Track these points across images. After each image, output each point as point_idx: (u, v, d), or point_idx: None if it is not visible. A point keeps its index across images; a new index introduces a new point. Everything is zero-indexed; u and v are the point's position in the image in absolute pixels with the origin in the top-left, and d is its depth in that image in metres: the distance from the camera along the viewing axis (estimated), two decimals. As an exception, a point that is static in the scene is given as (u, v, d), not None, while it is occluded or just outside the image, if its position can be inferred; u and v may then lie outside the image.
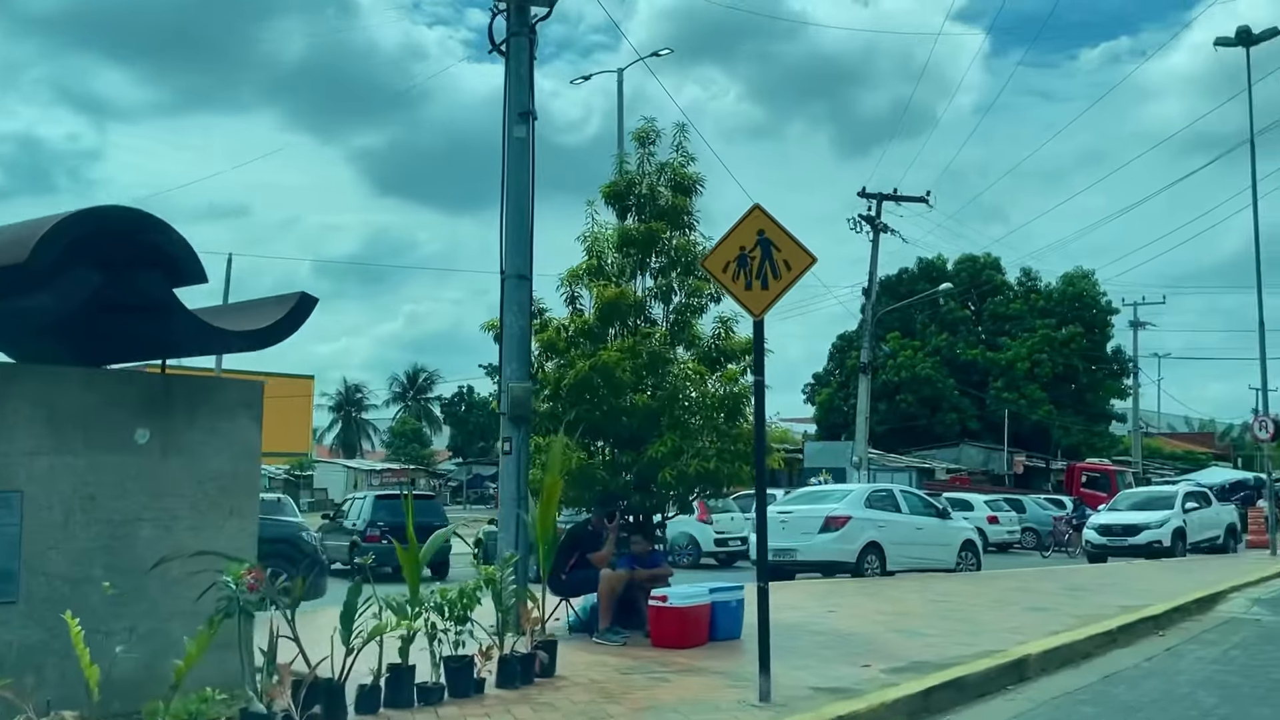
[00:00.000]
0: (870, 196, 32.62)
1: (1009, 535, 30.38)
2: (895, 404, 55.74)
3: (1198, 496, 24.38)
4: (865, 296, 32.62)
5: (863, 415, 32.96)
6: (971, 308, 61.75)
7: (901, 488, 18.97)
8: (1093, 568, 19.65)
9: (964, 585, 15.32)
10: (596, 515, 9.37)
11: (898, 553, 16.99)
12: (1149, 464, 57.36)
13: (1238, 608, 14.00)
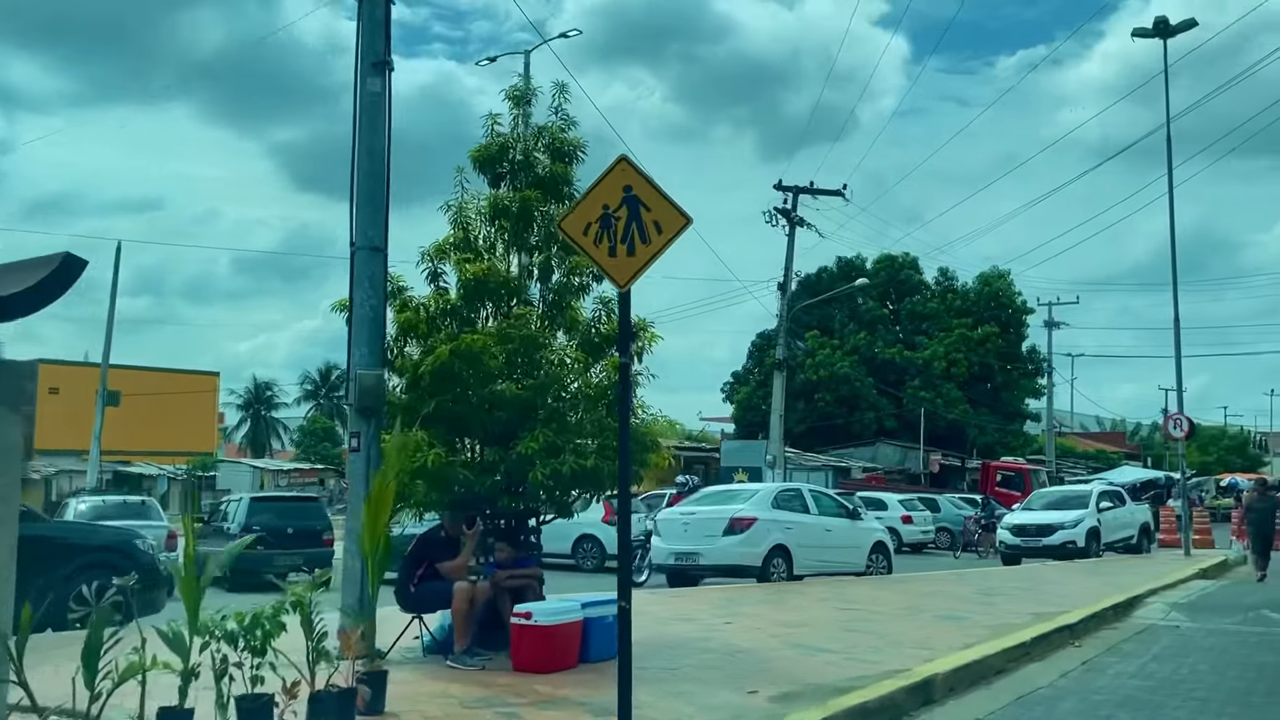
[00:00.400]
0: (786, 189, 31.92)
1: (923, 535, 29.88)
2: (814, 403, 55.37)
3: (1112, 496, 23.99)
4: (780, 292, 31.91)
5: (777, 413, 32.25)
6: (890, 307, 61.70)
7: (811, 487, 18.13)
8: (1007, 570, 19.05)
9: (874, 590, 14.50)
10: (449, 520, 8.26)
11: (806, 556, 16.13)
12: (1062, 463, 57.82)
13: (1155, 614, 13.39)
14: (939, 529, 30.81)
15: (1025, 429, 59.96)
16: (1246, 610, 13.55)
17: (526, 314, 8.74)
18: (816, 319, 58.78)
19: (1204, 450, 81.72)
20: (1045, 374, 57.67)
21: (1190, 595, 15.20)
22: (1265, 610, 13.49)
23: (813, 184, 32.02)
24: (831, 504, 17.39)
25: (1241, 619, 12.90)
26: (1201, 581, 17.40)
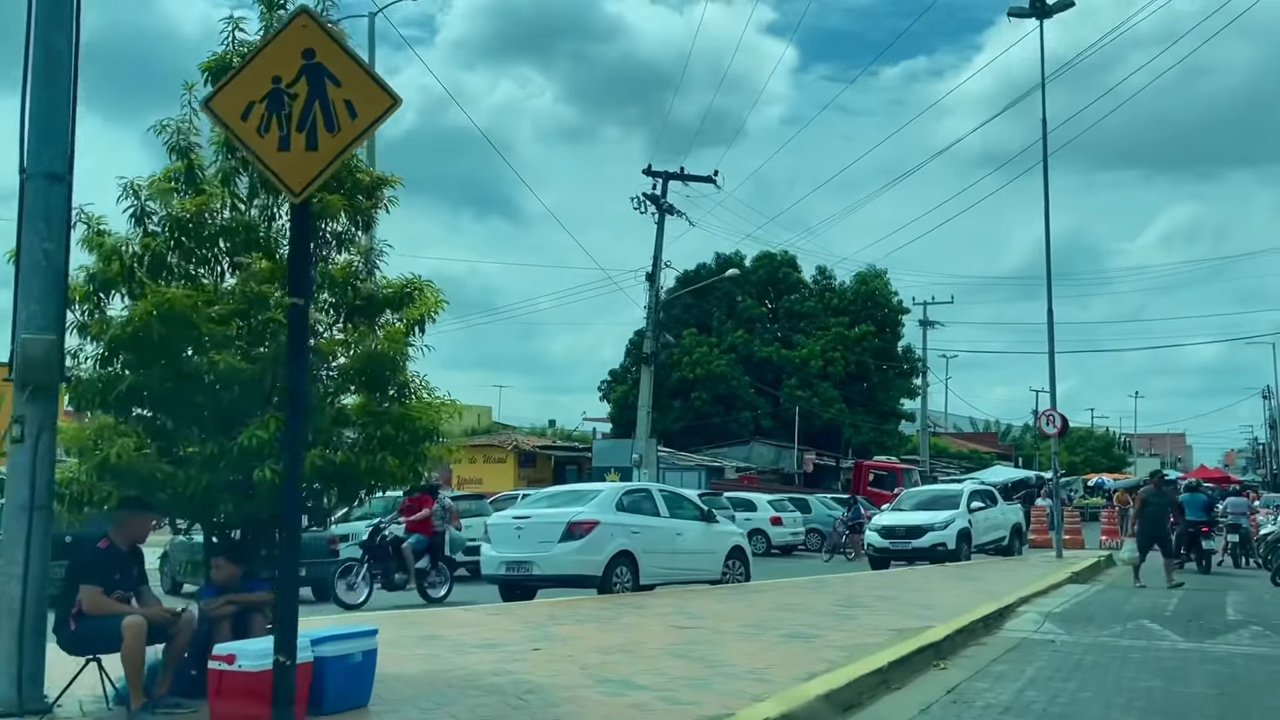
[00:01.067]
0: (656, 175, 30.37)
1: (792, 537, 28.66)
2: (690, 402, 54.14)
3: (983, 495, 22.99)
4: (649, 283, 30.33)
5: (645, 409, 30.71)
6: (768, 305, 61.03)
7: (662, 487, 16.48)
8: (873, 575, 17.75)
9: (723, 603, 12.92)
10: (115, 528, 6.31)
11: (653, 563, 14.49)
12: (936, 463, 57.86)
13: (1028, 625, 12.12)
14: (809, 530, 29.62)
15: (900, 429, 59.92)
16: (1125, 620, 12.40)
17: (249, 263, 6.81)
18: (695, 317, 57.74)
19: (1072, 450, 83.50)
20: (920, 374, 57.65)
21: (1064, 603, 14.05)
22: (1145, 620, 12.36)
23: (683, 170, 30.58)
24: (685, 506, 15.79)
25: (1121, 631, 11.71)
26: (1075, 586, 16.36)
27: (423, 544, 15.16)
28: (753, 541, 28.31)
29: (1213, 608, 13.64)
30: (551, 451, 46.96)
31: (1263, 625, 11.97)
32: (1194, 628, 11.90)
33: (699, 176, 30.47)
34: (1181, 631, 11.63)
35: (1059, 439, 21.66)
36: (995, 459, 63.21)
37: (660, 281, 30.32)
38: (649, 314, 30.30)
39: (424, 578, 15.06)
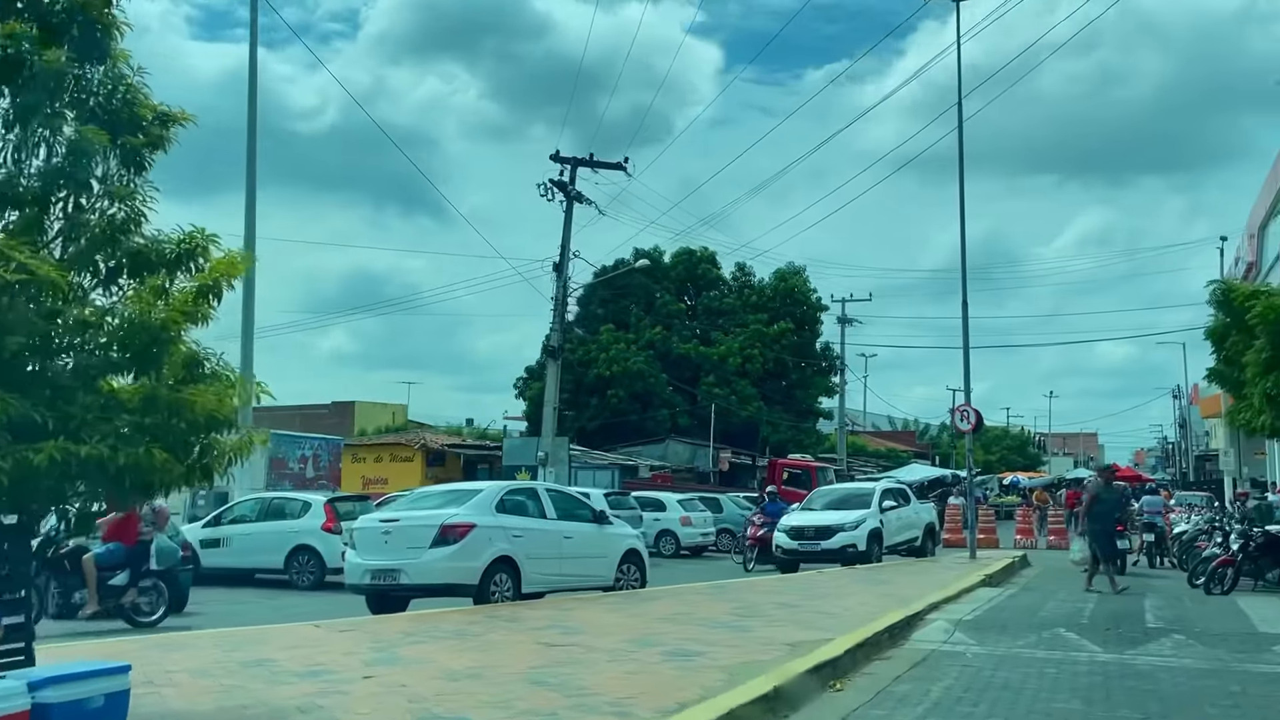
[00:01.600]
0: (564, 161, 29.12)
1: (703, 538, 27.64)
2: (607, 399, 53.00)
3: (896, 494, 22.13)
4: (556, 273, 29.05)
5: (551, 405, 29.48)
6: (687, 302, 60.18)
7: (549, 486, 15.21)
8: (777, 580, 16.72)
9: (609, 614, 11.74)
10: None
11: (538, 569, 13.27)
12: (854, 461, 57.49)
13: (937, 634, 11.14)
14: (721, 530, 28.62)
15: (818, 427, 59.47)
16: (1040, 629, 11.50)
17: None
18: (613, 313, 56.69)
19: (987, 449, 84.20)
20: (838, 371, 57.26)
21: (976, 608, 13.13)
22: (1061, 629, 11.47)
23: (593, 156, 29.35)
24: (574, 507, 14.57)
25: (1035, 640, 10.79)
26: (988, 590, 15.50)
27: (117, 555, 12.62)
28: (661, 543, 27.44)
29: (1131, 613, 12.85)
30: (461, 450, 45.45)
31: (1185, 633, 11.15)
32: (1113, 637, 11.03)
33: (608, 163, 29.31)
34: (1100, 641, 10.76)
35: (973, 435, 20.93)
36: (912, 457, 63.13)
37: (568, 273, 29.03)
38: (555, 306, 29.01)
39: (120, 595, 12.59)
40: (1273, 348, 14.18)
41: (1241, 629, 11.44)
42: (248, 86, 22.47)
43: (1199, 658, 9.88)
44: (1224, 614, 12.75)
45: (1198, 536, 21.10)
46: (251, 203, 22.11)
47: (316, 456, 30.04)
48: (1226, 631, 11.23)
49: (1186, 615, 12.61)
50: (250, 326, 21.65)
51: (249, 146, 22.05)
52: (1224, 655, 9.98)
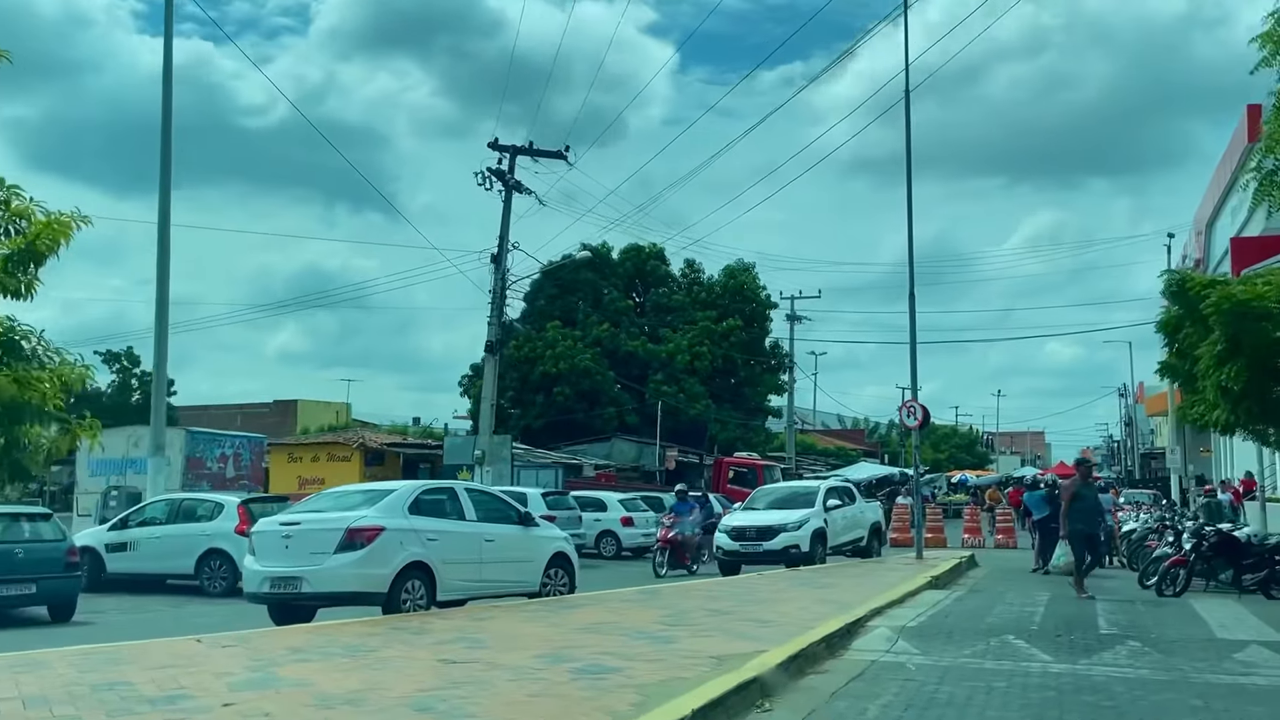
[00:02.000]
0: (503, 149, 28.12)
1: (645, 539, 26.72)
2: (553, 397, 52.00)
3: (841, 493, 21.38)
4: (494, 265, 28.02)
5: (488, 401, 28.50)
6: (636, 299, 59.34)
7: (470, 485, 14.19)
8: (714, 584, 15.88)
9: (526, 624, 10.82)
10: None
11: (455, 576, 12.33)
12: (803, 460, 57.02)
13: (879, 643, 10.37)
14: (664, 531, 27.76)
15: (767, 425, 58.90)
16: (988, 636, 10.76)
17: None
18: (560, 309, 55.71)
19: (936, 448, 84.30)
20: (787, 369, 56.74)
21: (921, 614, 12.39)
22: (1010, 636, 10.74)
23: (532, 144, 28.36)
24: (497, 507, 13.62)
25: (984, 649, 10.05)
26: (934, 593, 14.80)
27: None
28: (602, 544, 26.55)
29: (1083, 618, 12.18)
30: (401, 449, 44.22)
31: (1140, 640, 10.47)
32: (1065, 645, 10.33)
33: (548, 151, 28.35)
34: (1051, 650, 10.04)
35: (921, 432, 20.27)
36: (862, 456, 62.83)
37: (507, 265, 28.03)
38: (494, 300, 27.98)
39: None
40: (1228, 340, 13.58)
41: (1199, 635, 10.79)
42: (162, 64, 21.32)
43: (1157, 667, 9.20)
44: (1180, 619, 12.13)
45: (1147, 535, 20.64)
46: (166, 184, 20.90)
47: (238, 455, 28.73)
48: (1184, 638, 10.58)
49: (1141, 620, 11.96)
50: (164, 317, 20.41)
51: (164, 122, 20.86)
52: (1183, 665, 9.31)
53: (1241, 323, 13.45)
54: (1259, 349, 13.59)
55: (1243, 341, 13.60)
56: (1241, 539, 15.37)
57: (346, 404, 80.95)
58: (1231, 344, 13.67)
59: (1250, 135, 28.88)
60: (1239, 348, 13.65)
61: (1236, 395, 14.07)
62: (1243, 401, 14.11)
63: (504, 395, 54.70)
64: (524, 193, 28.12)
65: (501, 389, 55.12)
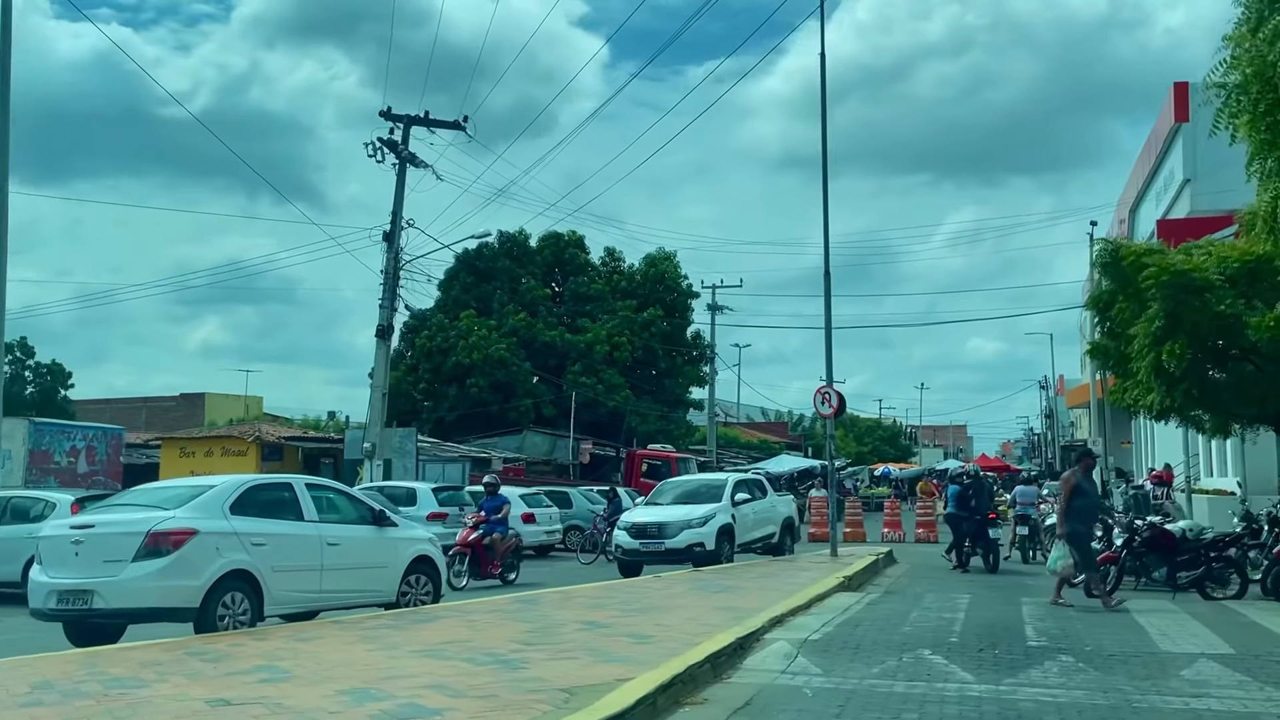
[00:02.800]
0: (395, 119, 26.13)
1: (548, 536, 25.05)
2: (466, 389, 50.01)
3: (750, 486, 19.82)
4: (387, 243, 26.01)
5: (379, 390, 26.55)
6: (555, 288, 57.52)
7: (311, 480, 12.15)
8: (603, 588, 14.17)
9: (350, 646, 9.05)
10: None
11: (289, 585, 10.52)
12: (724, 453, 55.77)
13: (774, 661, 8.83)
14: (570, 528, 26.10)
15: (689, 418, 57.51)
16: (900, 650, 9.28)
17: None
18: (475, 298, 53.73)
19: (860, 441, 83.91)
20: (709, 360, 55.42)
21: (828, 622, 10.89)
22: (926, 650, 9.27)
23: (428, 114, 26.40)
24: (344, 505, 11.80)
25: (895, 667, 8.57)
26: (845, 596, 13.34)
27: None
28: (502, 542, 24.74)
29: (1008, 626, 10.78)
30: (301, 443, 41.95)
31: (1073, 654, 9.07)
32: (988, 660, 8.89)
33: (445, 121, 26.40)
34: (973, 666, 8.59)
35: (836, 419, 18.86)
36: (785, 449, 61.77)
37: (400, 243, 26.03)
38: (385, 280, 26.00)
39: None
40: (1166, 315, 12.34)
41: (1140, 647, 9.43)
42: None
43: (1093, 688, 7.80)
44: (1115, 626, 10.79)
45: (1073, 529, 19.52)
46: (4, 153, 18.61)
47: (91, 449, 26.33)
48: (1123, 651, 9.20)
49: (1072, 628, 10.58)
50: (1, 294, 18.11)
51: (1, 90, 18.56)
52: (1124, 684, 7.91)
53: (1182, 296, 12.23)
54: (1199, 326, 12.38)
55: (1182, 317, 12.37)
56: (1176, 534, 14.17)
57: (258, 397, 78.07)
58: (1170, 320, 12.43)
59: (1177, 115, 28.13)
60: (1178, 324, 12.41)
61: (1174, 377, 12.86)
62: (1180, 384, 12.90)
63: (416, 387, 52.65)
64: (419, 166, 26.18)
65: (414, 380, 53.22)
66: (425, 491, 22.40)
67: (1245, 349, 12.74)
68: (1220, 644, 9.45)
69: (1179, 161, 28.25)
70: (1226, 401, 13.12)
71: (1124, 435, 45.55)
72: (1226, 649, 9.16)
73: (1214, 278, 12.21)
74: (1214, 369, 13.20)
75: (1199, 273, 12.22)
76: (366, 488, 23.60)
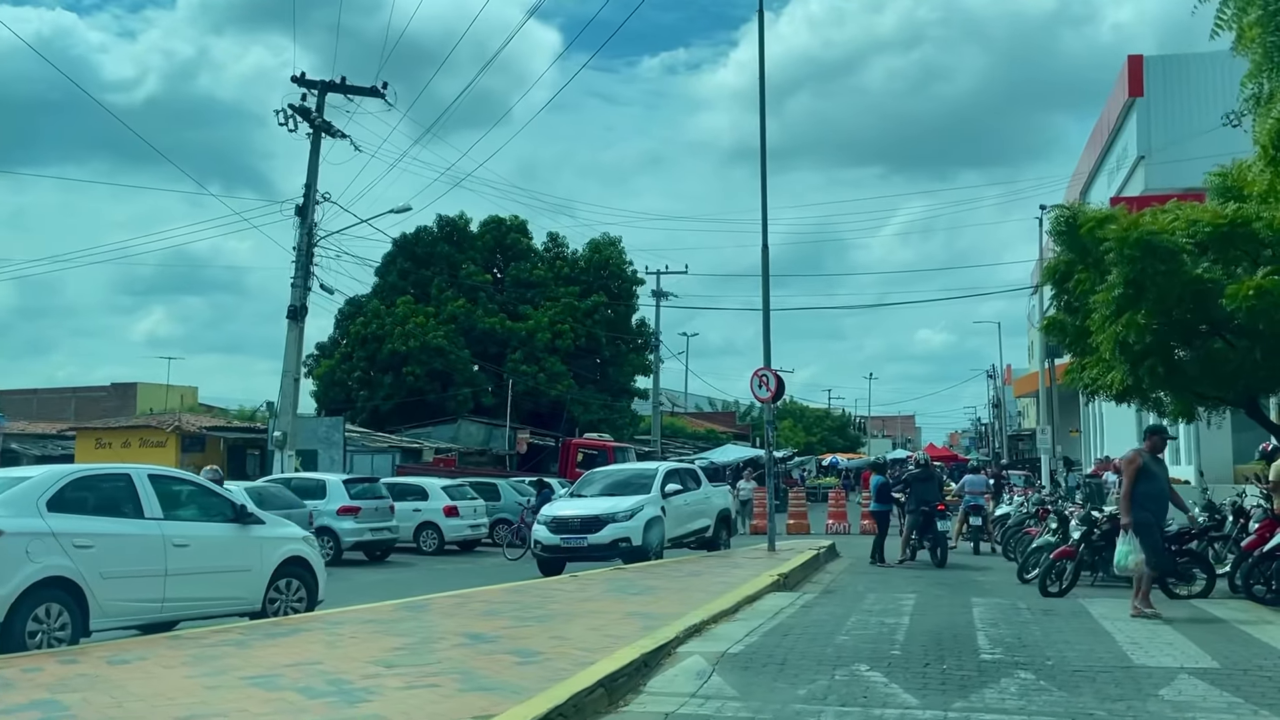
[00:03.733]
0: (309, 84, 24.37)
1: (472, 531, 23.52)
2: (403, 377, 48.21)
3: (683, 476, 18.40)
4: (299, 217, 24.21)
5: (290, 375, 24.78)
6: (497, 273, 55.79)
7: (157, 471, 10.42)
8: (506, 591, 12.57)
9: (168, 673, 7.49)
10: None
11: (122, 595, 8.97)
12: (669, 443, 54.46)
13: (684, 681, 7.44)
14: (497, 521, 24.58)
15: (634, 407, 56.09)
16: (834, 665, 7.92)
17: None
18: (413, 283, 51.95)
19: (809, 431, 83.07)
20: (654, 348, 54.05)
21: (753, 630, 9.52)
22: (863, 665, 7.92)
23: (344, 79, 24.65)
24: (196, 500, 10.21)
25: (826, 687, 7.22)
26: (778, 597, 11.99)
27: None
28: (422, 538, 23.19)
29: (958, 633, 9.46)
30: (224, 433, 39.94)
31: (1033, 669, 7.76)
32: (935, 677, 7.56)
33: (362, 88, 24.63)
34: (917, 686, 7.26)
35: (774, 405, 17.51)
36: (732, 439, 60.59)
37: (313, 218, 24.27)
38: (298, 257, 24.23)
39: None
40: (1128, 282, 11.09)
41: (1109, 660, 8.15)
42: None
43: (1058, 712, 6.53)
44: (1078, 631, 9.52)
45: (1025, 521, 18.40)
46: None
47: (-38, 439, 24.36)
48: (1090, 665, 7.91)
49: (1030, 634, 9.29)
50: None
51: None
52: (1094, 707, 6.65)
53: (1147, 261, 10.96)
54: (1166, 295, 11.14)
55: (1147, 286, 11.12)
56: (1139, 526, 12.95)
57: (192, 387, 75.58)
58: (1134, 288, 11.18)
59: (1131, 89, 27.16)
60: (1142, 293, 11.17)
61: (1138, 353, 11.62)
62: (1145, 360, 11.66)
63: (351, 375, 50.76)
64: (335, 136, 24.42)
65: (349, 369, 51.30)
66: (336, 484, 20.78)
67: (1216, 323, 11.55)
68: (1200, 655, 8.20)
69: (1133, 138, 27.31)
70: (1194, 381, 11.92)
71: (1072, 423, 44.88)
72: (1209, 662, 7.90)
73: (1184, 241, 10.99)
74: (1180, 346, 12.01)
75: (1167, 235, 10.99)
76: (272, 480, 21.96)
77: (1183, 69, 26.20)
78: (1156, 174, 25.14)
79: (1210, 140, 21.96)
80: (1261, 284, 10.26)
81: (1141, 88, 26.41)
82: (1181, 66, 26.30)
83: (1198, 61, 25.97)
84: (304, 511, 19.39)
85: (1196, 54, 26.52)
